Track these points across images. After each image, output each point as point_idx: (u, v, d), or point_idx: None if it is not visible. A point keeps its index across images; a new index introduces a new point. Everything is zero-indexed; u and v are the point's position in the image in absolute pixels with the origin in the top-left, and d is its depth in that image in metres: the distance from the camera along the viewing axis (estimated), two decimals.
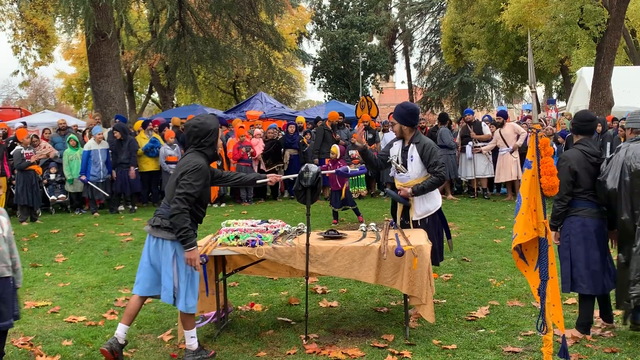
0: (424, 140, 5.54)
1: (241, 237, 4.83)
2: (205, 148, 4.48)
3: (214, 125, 4.53)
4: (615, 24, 17.04)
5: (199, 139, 4.46)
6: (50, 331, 5.22)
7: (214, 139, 4.51)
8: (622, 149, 4.82)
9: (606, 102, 17.27)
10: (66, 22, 14.56)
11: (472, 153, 13.33)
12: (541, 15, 21.04)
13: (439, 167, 5.41)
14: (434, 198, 5.55)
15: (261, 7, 18.22)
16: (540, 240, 3.68)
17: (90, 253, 8.48)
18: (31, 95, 55.71)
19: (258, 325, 5.25)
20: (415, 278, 4.64)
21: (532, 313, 5.34)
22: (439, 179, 5.40)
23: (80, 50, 32.80)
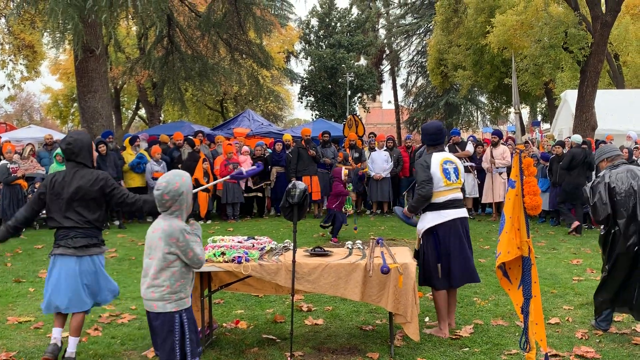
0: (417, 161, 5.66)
1: (227, 253, 4.84)
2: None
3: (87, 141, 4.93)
4: (598, 48, 17.31)
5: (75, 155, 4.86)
6: (33, 347, 5.17)
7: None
8: (605, 176, 5.37)
9: (590, 124, 17.48)
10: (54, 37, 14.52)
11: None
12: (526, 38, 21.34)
13: (418, 186, 5.49)
14: (424, 219, 5.51)
15: (250, 26, 18.32)
16: (524, 259, 3.72)
17: None
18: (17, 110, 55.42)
19: (243, 342, 5.23)
20: (400, 296, 4.66)
21: (516, 332, 5.37)
22: (416, 197, 5.46)
23: (67, 66, 32.74)
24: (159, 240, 3.64)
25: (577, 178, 11.48)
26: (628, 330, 5.46)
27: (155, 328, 3.67)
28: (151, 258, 3.66)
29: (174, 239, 3.61)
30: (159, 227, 3.66)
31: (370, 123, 59.00)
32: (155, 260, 3.63)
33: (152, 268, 3.64)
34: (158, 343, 3.68)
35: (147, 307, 3.67)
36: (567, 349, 4.96)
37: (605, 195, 5.31)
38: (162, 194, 3.64)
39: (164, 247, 3.62)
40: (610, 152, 5.65)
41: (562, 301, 6.47)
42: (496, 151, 12.99)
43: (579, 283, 7.28)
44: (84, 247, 4.75)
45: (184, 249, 3.63)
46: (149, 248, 3.70)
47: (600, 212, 5.33)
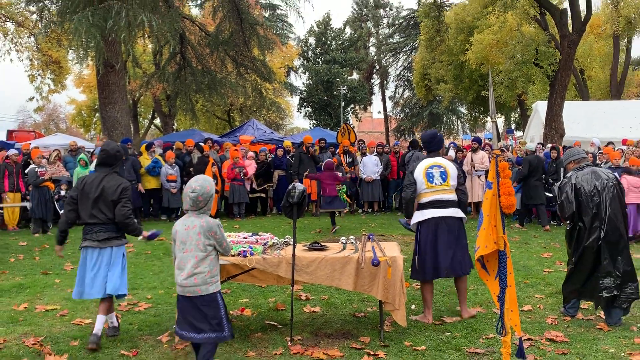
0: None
1: (234, 248, 4.82)
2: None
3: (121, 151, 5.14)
4: (566, 64, 17.37)
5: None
6: (59, 332, 5.14)
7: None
8: (572, 177, 5.31)
9: (558, 132, 17.55)
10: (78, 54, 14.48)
11: None
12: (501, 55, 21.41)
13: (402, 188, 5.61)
14: (412, 218, 5.56)
15: (254, 44, 18.32)
16: (500, 252, 3.72)
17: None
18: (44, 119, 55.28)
19: (248, 328, 5.22)
20: (389, 286, 4.65)
21: (493, 318, 5.37)
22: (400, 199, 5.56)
23: (90, 80, 32.68)
24: (198, 235, 3.87)
25: (535, 182, 11.56)
26: (593, 317, 5.46)
27: (202, 309, 3.85)
28: (186, 252, 3.87)
29: (212, 232, 3.90)
30: (195, 224, 3.89)
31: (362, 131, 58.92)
32: (194, 252, 3.86)
33: (192, 259, 3.85)
34: (207, 322, 3.85)
35: (190, 292, 3.84)
36: (539, 333, 4.96)
37: (571, 195, 5.32)
38: (198, 196, 3.88)
39: (204, 240, 3.88)
40: (577, 155, 5.65)
41: (534, 290, 6.47)
42: (476, 156, 13.00)
43: (549, 274, 7.28)
44: (105, 240, 4.86)
45: (220, 240, 3.96)
46: (183, 243, 3.89)
47: (567, 209, 5.35)
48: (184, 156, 13.82)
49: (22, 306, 6.02)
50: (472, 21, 26.68)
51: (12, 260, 8.64)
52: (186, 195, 3.95)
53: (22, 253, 9.22)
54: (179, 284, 3.89)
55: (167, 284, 6.91)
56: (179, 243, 3.93)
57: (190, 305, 3.88)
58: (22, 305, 6.04)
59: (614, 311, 5.19)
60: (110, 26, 12.61)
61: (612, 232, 5.17)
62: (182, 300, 3.92)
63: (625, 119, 18.79)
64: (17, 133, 25.51)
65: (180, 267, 3.90)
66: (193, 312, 3.88)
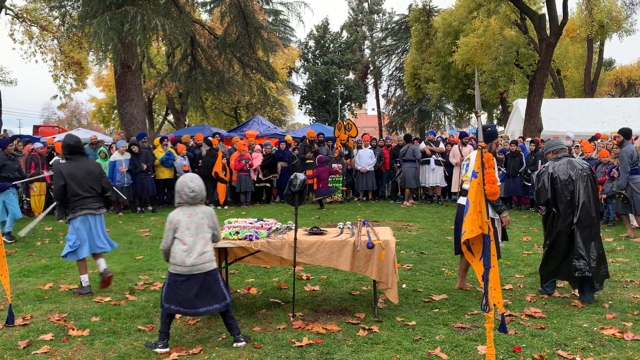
0: None
1: (241, 232, 4.80)
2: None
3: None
4: (544, 65, 17.31)
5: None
6: (81, 309, 5.14)
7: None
8: (549, 166, 5.19)
9: (537, 127, 17.51)
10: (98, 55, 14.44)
11: (435, 165, 13.39)
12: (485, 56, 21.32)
13: None
14: None
15: (259, 46, 18.21)
16: (484, 236, 3.69)
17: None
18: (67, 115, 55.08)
19: (254, 305, 5.22)
20: (382, 267, 4.64)
21: (477, 296, 5.37)
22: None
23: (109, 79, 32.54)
24: (202, 219, 4.14)
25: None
26: (568, 295, 5.46)
27: (208, 283, 4.05)
28: (192, 235, 4.06)
29: (212, 216, 4.22)
30: (197, 212, 4.15)
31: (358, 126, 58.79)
32: (202, 234, 4.10)
33: (201, 240, 4.09)
34: (211, 293, 4.06)
35: (200, 270, 4.03)
36: (519, 309, 4.95)
37: (547, 183, 5.30)
38: (197, 195, 4.15)
39: (209, 224, 4.17)
40: (556, 146, 5.59)
41: (515, 271, 6.47)
42: (465, 149, 12.96)
43: (528, 256, 7.28)
44: (99, 208, 5.86)
45: (217, 225, 4.27)
46: (189, 229, 4.08)
47: (542, 196, 5.34)
48: (194, 149, 13.77)
49: (47, 285, 6.01)
50: (458, 25, 26.55)
51: (39, 243, 8.62)
52: (183, 193, 4.15)
53: (47, 237, 9.20)
54: (188, 265, 4.01)
55: None
56: (183, 229, 4.07)
57: (197, 282, 4.02)
58: (47, 285, 6.03)
59: (587, 290, 5.19)
60: (126, 30, 12.51)
61: (584, 217, 5.15)
62: (187, 280, 4.02)
63: (597, 115, 18.76)
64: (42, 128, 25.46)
65: (188, 250, 4.03)
66: (199, 289, 4.02)
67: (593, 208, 5.20)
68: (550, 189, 5.28)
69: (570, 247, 5.19)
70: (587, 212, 5.15)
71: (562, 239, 5.23)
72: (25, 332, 4.53)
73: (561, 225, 5.21)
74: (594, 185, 5.29)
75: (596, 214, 5.23)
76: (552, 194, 5.28)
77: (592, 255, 5.11)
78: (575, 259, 5.13)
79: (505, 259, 7.03)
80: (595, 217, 5.22)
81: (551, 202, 5.30)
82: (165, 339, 4.08)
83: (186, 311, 4.05)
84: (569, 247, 5.21)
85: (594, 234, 5.17)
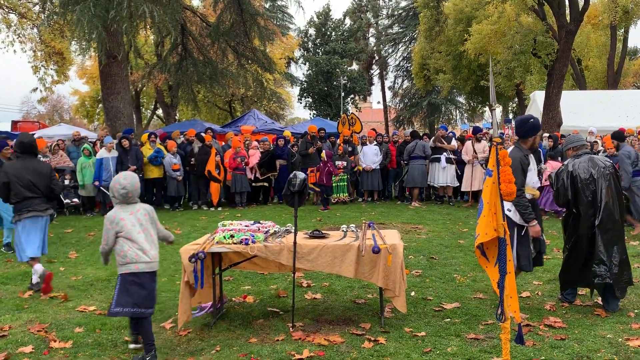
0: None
1: (236, 236, 4.80)
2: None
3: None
4: (563, 54, 17.27)
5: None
6: (63, 319, 5.14)
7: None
8: (569, 164, 5.23)
9: (556, 121, 17.48)
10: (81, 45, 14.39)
11: (446, 163, 13.33)
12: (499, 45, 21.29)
13: None
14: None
15: (255, 35, 18.18)
16: (500, 239, 3.68)
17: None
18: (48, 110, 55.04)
19: (250, 315, 5.21)
20: (389, 273, 4.64)
21: (492, 305, 5.36)
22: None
23: (93, 71, 32.54)
24: (145, 216, 4.27)
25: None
26: (591, 303, 5.45)
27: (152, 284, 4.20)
28: (139, 232, 4.18)
29: (154, 212, 4.39)
30: (138, 209, 4.26)
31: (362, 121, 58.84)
32: (149, 231, 4.25)
33: (150, 236, 4.24)
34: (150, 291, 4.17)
35: (154, 268, 4.20)
36: (537, 319, 4.95)
37: (567, 182, 5.28)
38: (128, 192, 4.21)
39: (154, 220, 4.35)
40: (576, 142, 5.56)
41: (533, 277, 6.45)
42: (479, 146, 12.94)
43: (547, 261, 7.25)
44: (45, 209, 6.12)
45: (157, 220, 4.42)
46: (134, 226, 4.18)
47: (562, 196, 5.32)
48: (185, 146, 13.77)
49: (27, 293, 6.02)
50: (470, 11, 26.52)
51: None
52: (115, 191, 4.22)
53: None
54: (146, 261, 4.15)
55: (170, 272, 6.90)
56: (129, 227, 4.16)
57: (152, 280, 4.21)
58: (27, 293, 6.04)
59: (611, 298, 5.18)
60: (112, 17, 12.51)
61: (607, 219, 5.12)
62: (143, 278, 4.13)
63: (621, 108, 18.72)
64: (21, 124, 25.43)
65: (141, 247, 4.15)
66: (147, 289, 4.15)
67: (616, 209, 5.18)
68: (570, 188, 5.26)
69: (591, 252, 5.18)
70: (610, 214, 5.13)
71: (583, 242, 5.22)
72: (3, 344, 4.53)
73: (582, 228, 5.20)
74: (618, 184, 5.28)
75: (620, 216, 5.22)
76: (573, 194, 5.26)
77: (614, 260, 5.09)
78: (596, 264, 5.11)
79: None
80: (619, 219, 5.20)
81: (571, 203, 5.29)
82: (152, 349, 4.11)
83: (142, 312, 4.10)
84: (590, 251, 5.19)
85: (616, 237, 5.15)
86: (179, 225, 10.65)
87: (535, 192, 5.31)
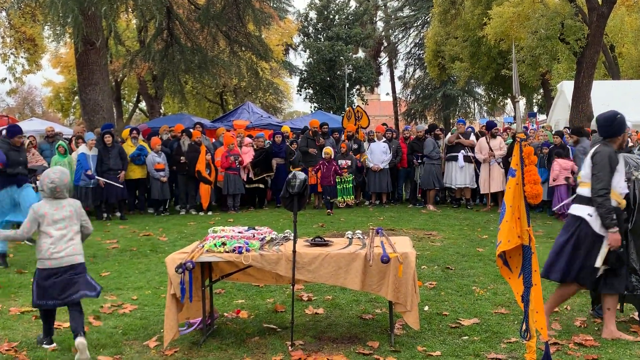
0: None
1: (228, 243, 4.79)
2: None
3: None
4: (594, 39, 17.26)
5: None
6: (35, 337, 5.13)
7: None
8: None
9: (586, 115, 17.46)
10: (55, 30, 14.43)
11: (464, 162, 13.26)
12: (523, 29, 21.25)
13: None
14: None
15: (249, 19, 18.22)
16: (524, 247, 3.68)
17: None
18: (19, 103, 55.20)
19: (244, 332, 5.20)
20: (400, 285, 4.62)
21: (515, 320, 5.34)
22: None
23: (68, 59, 32.62)
24: (70, 212, 4.76)
25: None
26: (626, 318, 5.43)
27: (79, 275, 4.74)
28: (60, 229, 4.68)
29: (81, 208, 4.88)
30: (64, 204, 4.76)
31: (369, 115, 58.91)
32: (70, 227, 4.75)
33: (70, 232, 4.74)
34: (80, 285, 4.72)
35: (69, 262, 4.68)
36: (567, 337, 4.93)
37: None
38: (56, 187, 4.68)
39: (80, 216, 4.85)
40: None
41: None
42: (494, 142, 12.91)
43: None
44: None
45: (85, 218, 4.94)
46: (56, 222, 4.68)
47: None
48: (172, 143, 13.77)
49: None
50: None
51: None
52: (44, 184, 4.69)
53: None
54: (57, 257, 4.64)
55: (155, 284, 6.90)
56: (50, 222, 4.67)
57: (65, 274, 4.66)
58: None
59: None
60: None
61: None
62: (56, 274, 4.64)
63: None
64: None
65: (55, 243, 4.64)
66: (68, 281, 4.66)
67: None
68: None
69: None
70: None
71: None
72: None
73: None
74: None
75: None
76: None
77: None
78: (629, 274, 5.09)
79: None
80: None
81: None
82: (49, 335, 4.89)
83: (63, 302, 4.67)
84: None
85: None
86: (165, 231, 10.65)
87: (622, 201, 4.97)
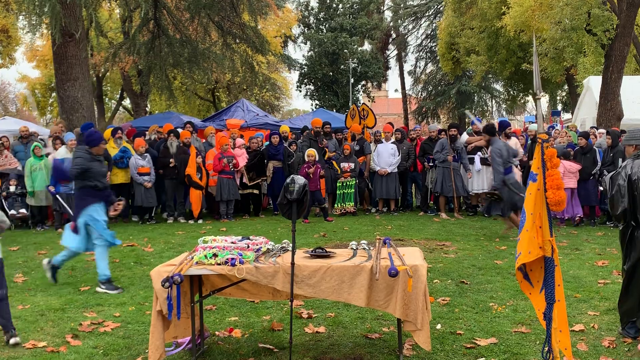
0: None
1: (220, 255, 4.79)
2: None
3: None
4: (624, 30, 17.25)
5: None
6: (7, 358, 5.13)
7: None
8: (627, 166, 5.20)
9: (615, 113, 17.44)
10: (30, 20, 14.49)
11: (481, 165, 13.24)
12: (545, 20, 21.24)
13: None
14: None
15: (244, 8, 18.27)
16: (546, 259, 3.68)
17: None
18: None
19: (237, 352, 5.21)
20: (410, 301, 4.62)
21: (537, 340, 5.34)
22: None
23: (45, 52, 32.74)
24: None
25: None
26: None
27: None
28: None
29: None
30: None
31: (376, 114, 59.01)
32: None
33: None
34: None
35: None
36: (594, 358, 4.92)
37: (624, 188, 5.21)
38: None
39: None
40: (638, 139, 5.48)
41: (587, 306, 6.43)
42: (509, 143, 12.90)
43: (605, 286, 7.24)
44: None
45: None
46: None
47: (617, 205, 5.25)
48: (159, 144, 13.79)
49: None
50: None
51: None
52: None
53: None
54: None
55: (139, 299, 6.90)
56: None
57: None
58: None
59: None
60: None
61: None
62: None
63: None
64: None
65: None
66: None
67: None
68: (628, 195, 5.20)
69: None
70: None
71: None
72: None
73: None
74: None
75: None
76: (631, 202, 5.20)
77: None
78: None
79: (575, 290, 7.01)
80: None
81: (629, 213, 5.23)
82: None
83: None
84: None
85: None
86: (150, 241, 10.66)
87: None
